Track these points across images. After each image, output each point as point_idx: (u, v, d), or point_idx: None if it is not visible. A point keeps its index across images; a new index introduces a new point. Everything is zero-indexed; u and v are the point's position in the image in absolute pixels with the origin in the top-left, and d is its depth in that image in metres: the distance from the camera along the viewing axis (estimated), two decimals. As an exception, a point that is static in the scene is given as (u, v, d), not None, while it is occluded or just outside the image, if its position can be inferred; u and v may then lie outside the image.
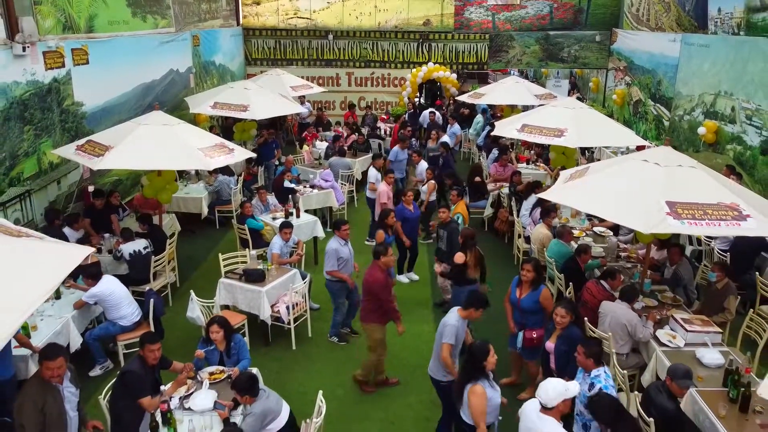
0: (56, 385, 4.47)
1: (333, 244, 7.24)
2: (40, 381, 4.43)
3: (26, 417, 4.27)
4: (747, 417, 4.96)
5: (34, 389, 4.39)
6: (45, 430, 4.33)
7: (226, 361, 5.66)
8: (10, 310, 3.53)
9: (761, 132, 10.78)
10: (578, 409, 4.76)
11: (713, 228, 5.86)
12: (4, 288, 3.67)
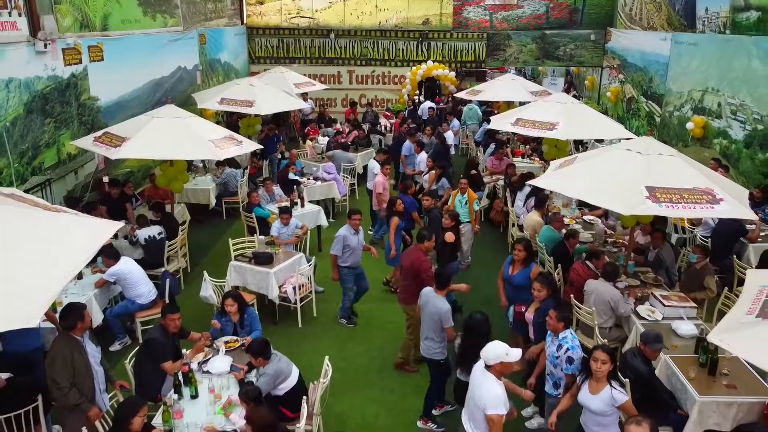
0: (79, 340, 4.96)
1: (343, 231, 7.69)
2: (66, 337, 4.94)
3: (58, 370, 4.79)
4: (714, 379, 5.45)
5: (61, 345, 4.90)
6: (75, 381, 4.83)
7: (240, 331, 6.16)
8: (54, 275, 4.02)
9: (745, 126, 11.28)
10: (549, 369, 5.24)
11: (689, 210, 6.36)
12: (49, 255, 4.16)
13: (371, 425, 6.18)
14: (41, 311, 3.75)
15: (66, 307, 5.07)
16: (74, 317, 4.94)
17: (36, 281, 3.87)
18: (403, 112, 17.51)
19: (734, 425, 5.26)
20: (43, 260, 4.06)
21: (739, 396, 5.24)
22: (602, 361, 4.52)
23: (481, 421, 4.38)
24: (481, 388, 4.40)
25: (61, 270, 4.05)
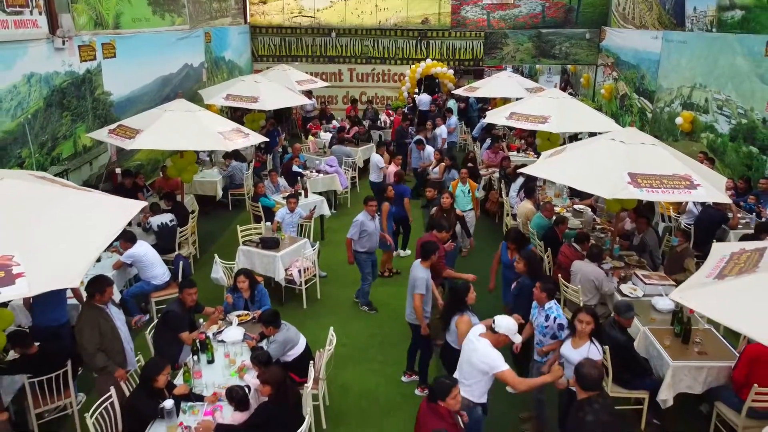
0: (103, 308, 5.45)
1: (360, 217, 8.14)
2: (91, 306, 5.43)
3: (85, 336, 5.28)
4: (687, 347, 5.93)
5: (88, 314, 5.40)
6: (102, 346, 5.32)
7: (251, 306, 6.65)
8: (90, 244, 4.50)
9: (730, 120, 11.77)
10: (537, 338, 5.71)
11: (668, 195, 6.86)
12: (84, 226, 4.65)
13: (372, 394, 6.66)
14: (80, 276, 4.23)
15: (94, 278, 5.55)
16: (99, 286, 5.43)
17: (74, 249, 4.36)
18: (403, 108, 17.99)
19: (705, 388, 5.75)
20: (80, 230, 4.55)
21: (709, 361, 5.72)
22: (586, 322, 5.01)
23: (476, 380, 4.83)
24: (477, 352, 4.82)
25: (96, 239, 4.54)
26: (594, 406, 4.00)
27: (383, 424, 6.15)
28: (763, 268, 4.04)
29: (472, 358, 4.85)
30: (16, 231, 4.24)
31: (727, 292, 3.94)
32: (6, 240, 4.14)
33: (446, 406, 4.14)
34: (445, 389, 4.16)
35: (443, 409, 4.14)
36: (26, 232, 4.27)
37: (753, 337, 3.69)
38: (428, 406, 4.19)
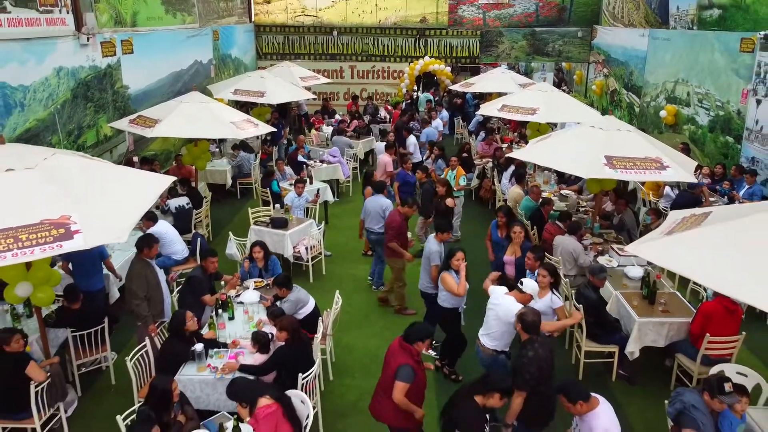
0: (150, 262, 6.25)
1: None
2: (140, 260, 6.26)
3: (135, 283, 6.09)
4: (653, 307, 6.69)
5: (137, 265, 6.23)
6: (147, 294, 6.11)
7: (264, 275, 7.41)
8: (133, 206, 5.27)
9: (709, 113, 12.53)
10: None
11: (640, 175, 7.62)
12: (126, 191, 5.42)
13: (373, 354, 7.41)
14: (126, 232, 4.99)
15: (143, 236, 6.37)
16: (147, 242, 6.26)
17: (120, 210, 5.12)
18: (402, 104, 18.75)
19: (667, 342, 6.51)
20: (123, 195, 5.32)
21: (671, 317, 6.48)
22: (544, 275, 5.85)
23: (502, 331, 5.55)
24: (504, 306, 5.51)
25: (138, 203, 5.30)
26: (534, 345, 4.77)
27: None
28: (704, 225, 4.78)
29: (499, 313, 5.54)
30: (71, 195, 4.98)
31: (671, 243, 4.69)
32: (64, 203, 4.88)
33: (417, 348, 4.85)
34: (421, 334, 4.85)
35: (414, 349, 4.85)
36: (80, 196, 5.01)
37: (685, 275, 4.42)
38: (400, 344, 4.88)
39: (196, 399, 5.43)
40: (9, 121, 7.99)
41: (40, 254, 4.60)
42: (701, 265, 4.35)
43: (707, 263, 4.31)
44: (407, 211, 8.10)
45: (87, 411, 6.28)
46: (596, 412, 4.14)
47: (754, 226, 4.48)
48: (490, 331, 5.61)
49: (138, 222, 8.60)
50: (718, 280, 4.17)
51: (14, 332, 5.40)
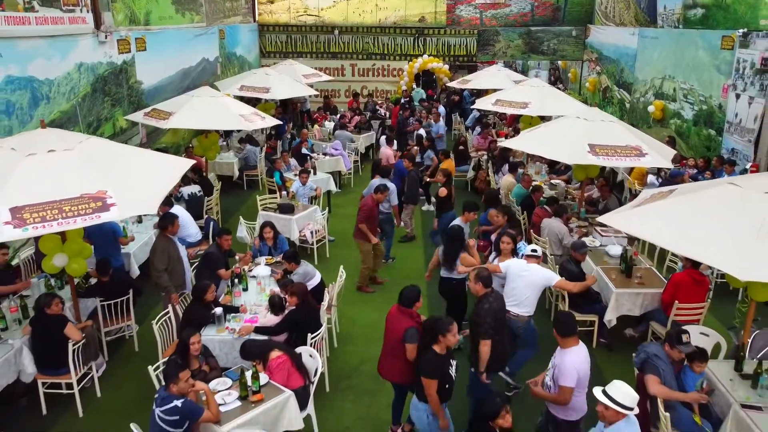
0: (172, 238, 6.89)
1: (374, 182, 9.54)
2: (163, 236, 6.89)
3: (157, 257, 6.73)
4: (630, 279, 7.32)
5: (160, 240, 6.86)
6: (168, 267, 6.74)
7: (274, 253, 8.04)
8: (159, 183, 5.90)
9: (693, 107, 13.16)
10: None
11: (620, 161, 8.29)
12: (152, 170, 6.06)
13: (374, 325, 8.00)
14: (156, 205, 5.64)
15: (165, 215, 7.01)
16: (170, 221, 6.91)
17: (150, 186, 5.77)
18: (401, 99, 19.39)
19: (642, 311, 7.14)
20: (152, 173, 5.97)
21: (645, 289, 7.11)
22: (507, 242, 6.67)
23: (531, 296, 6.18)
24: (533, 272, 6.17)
25: (163, 179, 5.94)
26: (489, 299, 5.41)
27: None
28: (668, 198, 5.42)
29: (528, 279, 6.18)
30: (106, 173, 5.62)
31: (637, 213, 5.32)
32: (101, 179, 5.51)
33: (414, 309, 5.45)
34: (413, 295, 5.45)
35: (413, 311, 5.44)
36: (114, 174, 5.66)
37: (647, 239, 5.06)
38: (399, 310, 5.47)
39: (215, 358, 6.05)
40: (37, 111, 8.63)
41: (82, 223, 5.25)
42: (661, 230, 4.99)
43: (667, 229, 4.95)
44: (379, 198, 8.79)
45: (114, 373, 6.90)
46: (573, 349, 4.73)
47: (709, 197, 5.12)
48: (522, 299, 6.20)
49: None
50: (675, 242, 4.82)
51: (54, 296, 6.03)
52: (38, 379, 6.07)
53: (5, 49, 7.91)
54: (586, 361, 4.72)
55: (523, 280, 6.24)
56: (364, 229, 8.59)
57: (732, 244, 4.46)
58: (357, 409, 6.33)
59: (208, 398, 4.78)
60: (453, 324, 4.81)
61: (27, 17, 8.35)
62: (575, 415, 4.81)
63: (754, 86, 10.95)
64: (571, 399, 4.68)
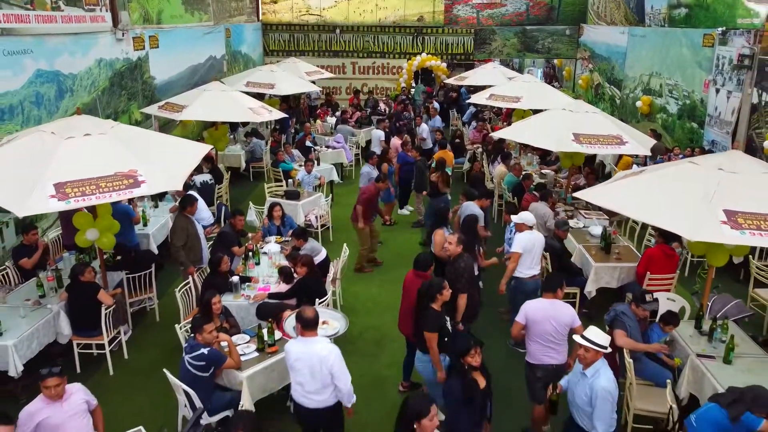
0: (190, 217, 7.58)
1: (366, 168, 10.31)
2: (182, 216, 7.58)
3: (177, 234, 7.43)
4: (609, 255, 8.01)
5: (180, 219, 7.55)
6: (187, 244, 7.43)
7: (283, 231, 8.74)
8: (182, 162, 6.59)
9: (678, 102, 13.86)
10: (505, 247, 7.79)
11: (602, 149, 8.99)
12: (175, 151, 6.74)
13: (374, 299, 8.74)
14: (180, 183, 6.33)
15: (185, 196, 7.71)
16: (189, 202, 7.60)
17: (174, 165, 6.46)
18: (401, 96, 20.12)
19: (619, 284, 7.83)
20: (175, 154, 6.66)
21: (622, 263, 7.80)
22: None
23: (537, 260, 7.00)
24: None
25: (186, 160, 6.64)
26: (464, 257, 6.19)
27: (384, 315, 8.22)
28: (636, 176, 6.12)
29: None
30: (136, 154, 6.31)
31: (609, 189, 6.02)
32: (131, 160, 6.21)
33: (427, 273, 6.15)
34: (428, 262, 6.18)
35: (427, 275, 6.15)
36: (142, 155, 6.35)
37: (614, 209, 5.74)
38: (415, 274, 6.18)
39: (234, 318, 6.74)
40: (62, 103, 9.32)
41: (117, 197, 5.95)
42: (627, 202, 5.70)
43: (632, 200, 5.66)
44: (380, 186, 9.57)
45: (138, 340, 7.60)
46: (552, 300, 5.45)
47: (669, 174, 5.82)
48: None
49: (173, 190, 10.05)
50: (638, 211, 5.52)
51: (87, 265, 6.72)
52: (73, 341, 6.76)
53: (36, 46, 8.60)
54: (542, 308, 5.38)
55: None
56: (358, 211, 9.26)
57: (684, 211, 5.15)
58: (359, 368, 6.99)
59: (231, 348, 5.47)
60: (445, 283, 5.50)
61: (54, 16, 9.04)
62: (530, 358, 5.50)
63: (731, 81, 11.64)
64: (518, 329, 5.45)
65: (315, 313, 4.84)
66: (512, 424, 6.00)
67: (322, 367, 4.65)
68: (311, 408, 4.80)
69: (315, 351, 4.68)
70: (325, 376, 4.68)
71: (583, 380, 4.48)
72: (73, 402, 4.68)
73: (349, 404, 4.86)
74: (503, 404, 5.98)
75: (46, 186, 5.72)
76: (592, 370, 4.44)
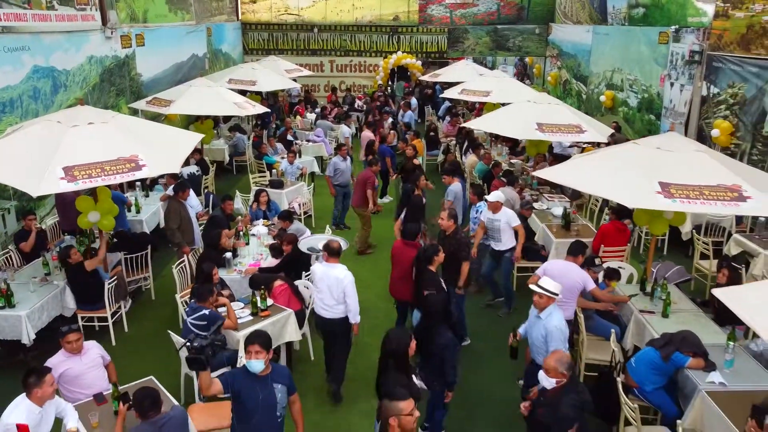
0: (183, 202, 8.18)
1: (334, 159, 10.94)
2: (175, 200, 8.17)
3: (171, 219, 8.02)
4: (568, 232, 8.80)
5: (175, 204, 8.13)
6: (180, 226, 8.03)
7: (269, 215, 9.38)
8: (180, 147, 7.21)
9: (637, 95, 14.78)
10: (471, 227, 8.53)
11: (564, 137, 9.82)
12: (172, 138, 7.35)
13: (365, 280, 9.31)
14: (178, 166, 6.95)
15: (178, 182, 8.29)
16: (182, 188, 8.19)
17: (172, 150, 7.07)
18: (377, 93, 20.83)
19: (577, 257, 8.62)
20: (172, 141, 7.27)
21: (579, 238, 8.58)
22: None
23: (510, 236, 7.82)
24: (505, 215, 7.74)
25: (182, 146, 7.25)
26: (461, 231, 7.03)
27: (366, 291, 8.87)
28: (591, 155, 6.91)
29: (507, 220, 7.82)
30: (136, 141, 6.90)
31: (563, 167, 6.80)
32: (132, 145, 6.79)
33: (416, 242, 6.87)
34: (416, 230, 6.90)
35: (417, 243, 6.85)
36: (142, 141, 6.94)
37: (567, 184, 6.52)
38: (404, 243, 6.88)
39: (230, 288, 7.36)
40: (57, 98, 9.83)
41: (121, 179, 6.55)
42: (577, 177, 6.48)
43: (581, 175, 6.45)
44: (374, 169, 10.34)
45: (136, 314, 8.17)
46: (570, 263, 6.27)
47: (615, 153, 6.62)
48: (503, 239, 7.81)
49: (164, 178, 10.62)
50: (585, 184, 6.30)
51: (70, 248, 7.27)
52: (78, 314, 7.32)
53: (33, 43, 9.11)
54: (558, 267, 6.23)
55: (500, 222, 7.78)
56: (370, 195, 9.95)
57: (625, 183, 5.93)
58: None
59: (228, 310, 6.12)
60: (438, 247, 6.26)
61: (49, 14, 9.56)
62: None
63: (684, 75, 12.57)
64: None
65: (339, 245, 6.25)
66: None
67: (338, 286, 5.94)
68: (327, 318, 6.12)
69: (334, 274, 6.01)
70: (339, 294, 5.97)
71: (539, 322, 5.23)
72: (90, 356, 5.29)
73: (354, 321, 6.12)
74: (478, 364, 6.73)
75: (56, 169, 6.27)
76: (545, 313, 5.19)
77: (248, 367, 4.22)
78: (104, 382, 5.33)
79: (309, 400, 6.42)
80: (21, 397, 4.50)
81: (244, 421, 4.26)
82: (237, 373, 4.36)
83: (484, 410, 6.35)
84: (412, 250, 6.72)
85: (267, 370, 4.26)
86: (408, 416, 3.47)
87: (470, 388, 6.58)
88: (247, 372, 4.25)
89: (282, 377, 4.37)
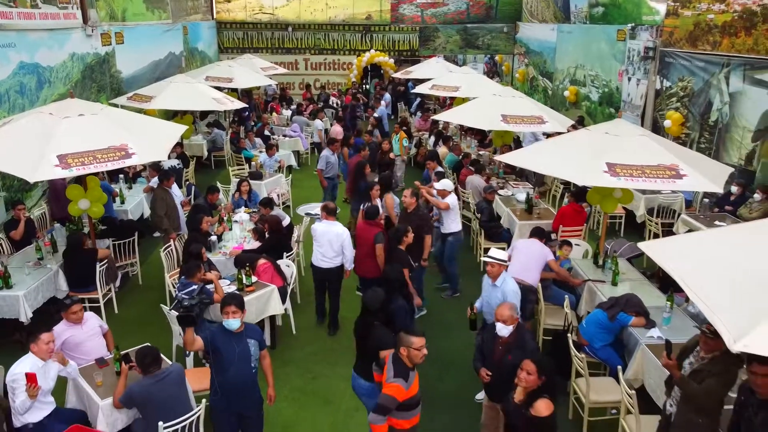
0: (168, 190, 8.63)
1: (325, 152, 11.42)
2: (161, 188, 8.64)
3: (158, 206, 8.50)
4: (531, 215, 9.46)
5: (159, 191, 8.63)
6: (167, 213, 8.48)
7: (249, 204, 9.86)
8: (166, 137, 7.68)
9: (598, 90, 15.57)
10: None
11: (526, 127, 10.47)
12: (158, 126, 7.82)
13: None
14: (165, 153, 7.42)
15: (163, 171, 8.73)
16: (167, 176, 8.65)
17: (159, 139, 7.54)
18: (351, 90, 21.39)
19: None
20: (158, 130, 7.74)
21: (540, 220, 9.26)
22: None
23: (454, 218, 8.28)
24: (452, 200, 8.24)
25: (168, 136, 7.72)
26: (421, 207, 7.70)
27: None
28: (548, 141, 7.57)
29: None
30: (125, 130, 7.35)
31: (523, 152, 7.45)
32: (122, 135, 7.24)
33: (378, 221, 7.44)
34: (375, 211, 7.46)
35: (378, 222, 7.42)
36: (131, 131, 7.38)
37: (526, 167, 7.16)
38: (366, 222, 7.44)
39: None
40: (42, 93, 10.18)
41: (112, 166, 6.99)
42: (536, 160, 7.13)
43: (540, 158, 7.10)
44: (364, 153, 10.92)
45: (125, 298, 8.61)
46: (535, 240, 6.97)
47: (570, 139, 7.28)
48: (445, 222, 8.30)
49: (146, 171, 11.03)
50: (543, 166, 6.95)
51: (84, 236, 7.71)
52: (70, 296, 7.72)
53: (19, 40, 9.46)
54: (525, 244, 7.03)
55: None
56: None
57: (576, 164, 6.60)
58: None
59: (216, 285, 6.61)
60: (408, 228, 6.86)
61: (33, 13, 9.91)
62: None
63: (640, 70, 13.37)
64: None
65: (335, 206, 7.53)
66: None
67: (338, 240, 7.24)
68: (325, 268, 7.42)
69: (334, 230, 7.29)
70: (338, 247, 7.27)
71: (494, 290, 5.83)
72: (90, 325, 5.77)
73: (349, 268, 7.43)
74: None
75: (51, 157, 6.69)
76: (500, 280, 5.79)
77: (226, 326, 4.77)
78: (103, 350, 5.81)
79: (292, 369, 6.98)
80: (26, 354, 5.00)
81: (222, 372, 4.80)
82: (215, 331, 4.90)
83: (454, 370, 6.97)
84: (374, 228, 7.32)
85: (241, 328, 4.85)
86: (416, 351, 4.28)
87: (442, 352, 7.19)
88: (224, 330, 4.81)
89: (254, 333, 4.98)
